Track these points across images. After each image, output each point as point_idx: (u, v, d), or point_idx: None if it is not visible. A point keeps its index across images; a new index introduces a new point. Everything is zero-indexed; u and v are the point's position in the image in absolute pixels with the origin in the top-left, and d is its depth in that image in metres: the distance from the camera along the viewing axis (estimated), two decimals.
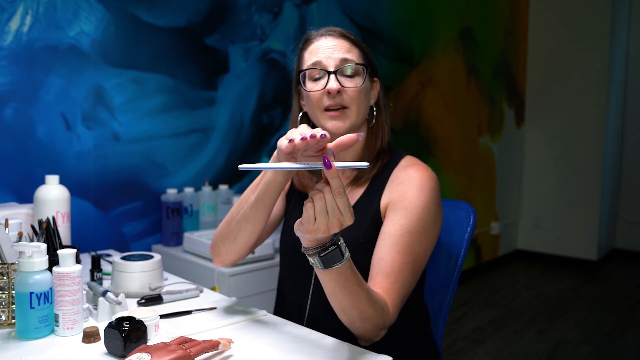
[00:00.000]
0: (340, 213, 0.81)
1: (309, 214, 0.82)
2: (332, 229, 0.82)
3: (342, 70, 1.09)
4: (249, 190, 1.07)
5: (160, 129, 2.07)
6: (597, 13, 4.25)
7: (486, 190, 4.26)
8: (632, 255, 4.68)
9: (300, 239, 0.87)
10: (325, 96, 1.09)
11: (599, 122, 4.29)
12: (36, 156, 1.74)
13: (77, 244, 1.70)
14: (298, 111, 1.19)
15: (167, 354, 0.80)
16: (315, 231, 0.82)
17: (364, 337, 1.00)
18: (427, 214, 1.07)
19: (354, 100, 1.09)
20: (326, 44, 1.11)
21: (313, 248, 0.86)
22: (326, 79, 1.09)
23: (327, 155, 0.79)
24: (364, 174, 1.15)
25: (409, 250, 1.04)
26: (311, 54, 1.12)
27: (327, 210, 0.81)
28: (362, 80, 1.10)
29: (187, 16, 2.14)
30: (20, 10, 1.68)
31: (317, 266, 0.87)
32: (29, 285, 0.94)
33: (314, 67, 1.10)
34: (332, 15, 2.75)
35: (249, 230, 1.08)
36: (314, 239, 0.85)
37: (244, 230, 1.08)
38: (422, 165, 1.14)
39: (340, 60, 1.09)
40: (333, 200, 0.81)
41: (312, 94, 1.10)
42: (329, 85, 1.07)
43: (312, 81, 1.11)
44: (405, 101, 3.32)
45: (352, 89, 1.09)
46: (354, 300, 0.91)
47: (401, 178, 1.11)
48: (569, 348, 2.81)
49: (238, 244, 1.11)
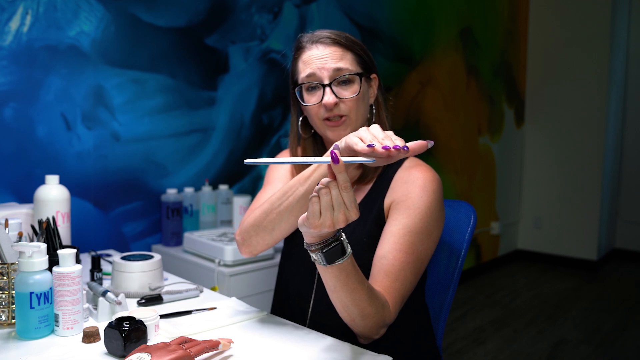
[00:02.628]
0: (346, 208, 0.81)
1: (315, 209, 0.81)
2: (337, 223, 0.81)
3: (337, 80, 1.09)
4: (297, 182, 1.05)
5: (160, 129, 2.07)
6: (597, 13, 4.25)
7: (486, 190, 4.26)
8: (632, 255, 4.68)
9: (304, 234, 0.87)
10: (323, 108, 1.10)
11: (599, 121, 4.29)
12: (36, 156, 1.74)
13: (77, 244, 1.70)
14: (296, 115, 1.20)
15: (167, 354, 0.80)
16: (320, 226, 0.82)
17: (364, 334, 1.01)
18: (429, 214, 1.07)
19: (352, 109, 1.10)
20: (318, 53, 1.11)
21: (316, 244, 0.86)
22: (322, 90, 1.09)
23: (334, 150, 0.79)
24: (369, 174, 1.16)
25: (410, 249, 1.04)
26: (305, 65, 1.12)
27: (333, 205, 0.81)
28: (359, 87, 1.10)
29: (187, 16, 2.14)
30: (20, 10, 1.68)
31: (319, 262, 0.87)
32: (29, 285, 0.94)
33: (308, 80, 1.11)
34: (332, 15, 2.75)
35: (290, 223, 1.07)
36: (318, 235, 0.85)
37: (285, 222, 1.07)
38: (425, 166, 1.14)
39: (333, 70, 1.09)
40: (339, 195, 0.80)
41: (310, 108, 1.11)
42: (325, 100, 1.08)
43: (309, 92, 1.12)
44: (405, 101, 3.32)
45: (349, 99, 1.09)
46: (354, 298, 0.91)
47: (405, 178, 1.12)
48: (569, 348, 2.81)
49: (275, 236, 1.10)
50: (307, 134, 1.21)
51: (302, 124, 1.21)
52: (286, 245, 1.25)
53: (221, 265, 1.73)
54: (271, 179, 1.27)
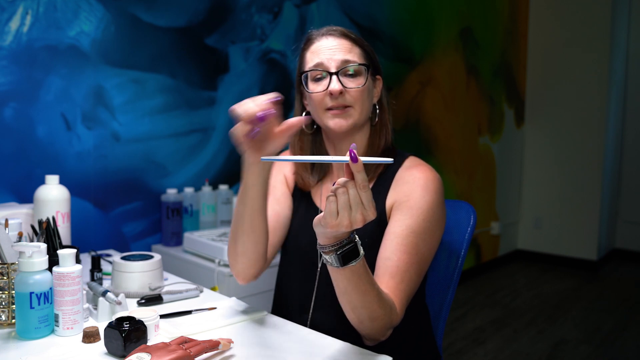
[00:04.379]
0: (364, 207, 0.80)
1: (332, 208, 0.80)
2: (355, 223, 0.80)
3: (344, 71, 1.09)
4: (238, 204, 1.06)
5: (160, 129, 2.07)
6: (597, 13, 4.25)
7: (486, 190, 4.26)
8: (632, 255, 4.68)
9: (319, 235, 0.86)
10: (328, 97, 1.09)
11: (599, 121, 4.29)
12: (36, 156, 1.74)
13: (77, 244, 1.70)
14: (301, 111, 1.19)
15: (167, 354, 0.80)
16: (337, 226, 0.81)
17: (371, 336, 1.00)
18: (432, 214, 1.07)
19: (357, 100, 1.10)
20: (327, 44, 1.11)
21: (330, 245, 0.85)
22: (328, 79, 1.09)
23: (352, 149, 0.78)
24: (369, 174, 1.15)
25: (414, 250, 1.04)
26: (313, 55, 1.12)
27: (351, 204, 0.80)
28: (365, 80, 1.10)
29: (187, 16, 2.14)
30: (20, 10, 1.68)
31: (333, 264, 0.86)
32: (29, 285, 0.94)
33: (315, 68, 1.10)
34: (332, 15, 2.75)
35: (253, 241, 1.07)
36: (333, 236, 0.84)
37: (248, 242, 1.07)
38: (426, 166, 1.14)
39: (341, 61, 1.09)
40: (357, 194, 0.80)
41: (315, 95, 1.10)
42: (331, 87, 1.08)
43: (314, 82, 1.11)
44: (405, 101, 3.32)
45: (355, 89, 1.09)
46: (365, 300, 0.91)
47: (406, 178, 1.12)
48: (569, 348, 2.81)
49: (251, 258, 1.09)
50: (310, 129, 1.20)
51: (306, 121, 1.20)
52: (286, 246, 1.25)
53: (221, 265, 1.73)
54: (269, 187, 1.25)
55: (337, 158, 0.82)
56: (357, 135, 1.16)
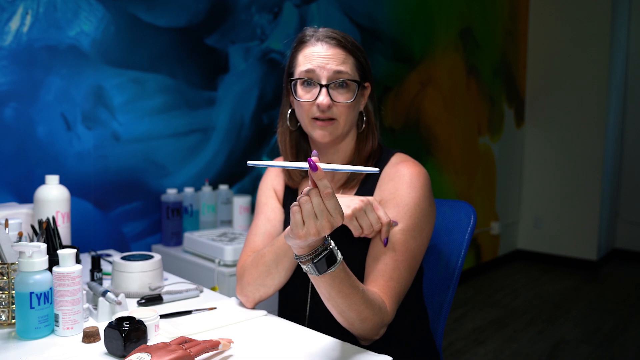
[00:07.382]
0: (330, 214, 0.80)
1: (297, 219, 0.81)
2: (322, 231, 0.81)
3: (334, 83, 1.09)
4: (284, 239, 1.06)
5: (160, 129, 2.07)
6: (597, 13, 4.25)
7: (486, 190, 4.26)
8: (632, 255, 4.68)
9: (292, 247, 0.86)
10: (315, 107, 1.09)
11: (599, 122, 4.29)
12: (36, 156, 1.74)
13: (77, 244, 1.70)
14: (288, 106, 1.19)
15: (167, 354, 0.80)
16: (305, 235, 0.81)
17: (364, 336, 1.01)
18: (419, 210, 1.07)
19: (343, 114, 1.10)
20: (321, 51, 1.10)
21: (305, 255, 0.85)
22: (318, 89, 1.09)
23: (311, 157, 0.78)
24: (355, 176, 1.16)
25: (403, 247, 1.04)
26: (305, 59, 1.11)
27: (316, 213, 0.80)
28: (354, 95, 1.10)
29: (187, 16, 2.14)
30: (20, 10, 1.68)
31: (311, 273, 0.87)
32: (29, 285, 0.94)
33: (307, 75, 1.10)
34: (332, 15, 2.75)
35: (285, 278, 1.13)
36: (306, 245, 0.84)
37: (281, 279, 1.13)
38: (412, 161, 1.14)
39: (333, 72, 1.08)
40: (322, 202, 0.80)
41: (303, 103, 1.10)
42: (319, 100, 1.08)
43: (304, 87, 1.11)
44: (405, 101, 3.32)
45: (342, 104, 1.09)
46: (350, 303, 0.91)
47: (391, 175, 1.12)
48: (569, 348, 2.81)
49: (274, 291, 1.15)
50: (294, 126, 1.20)
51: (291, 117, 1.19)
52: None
53: (221, 265, 1.73)
54: (261, 204, 1.26)
55: (299, 165, 0.81)
56: (342, 143, 1.16)
